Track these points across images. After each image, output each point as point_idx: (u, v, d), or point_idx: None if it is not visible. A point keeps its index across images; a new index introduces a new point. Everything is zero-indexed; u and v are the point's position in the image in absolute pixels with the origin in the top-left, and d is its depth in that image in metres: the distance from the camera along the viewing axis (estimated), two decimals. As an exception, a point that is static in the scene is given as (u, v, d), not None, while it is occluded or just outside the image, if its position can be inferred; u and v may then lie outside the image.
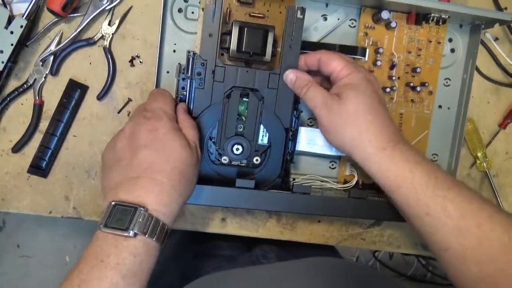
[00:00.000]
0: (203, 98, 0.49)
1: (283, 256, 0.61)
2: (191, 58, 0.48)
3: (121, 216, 0.38)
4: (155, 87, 0.52)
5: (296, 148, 0.52)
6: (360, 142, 0.45)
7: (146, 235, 0.37)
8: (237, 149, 0.50)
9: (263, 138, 0.50)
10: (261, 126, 0.50)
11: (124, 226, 0.37)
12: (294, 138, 0.51)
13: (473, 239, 0.40)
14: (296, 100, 0.50)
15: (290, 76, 0.49)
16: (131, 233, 0.37)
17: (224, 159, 0.50)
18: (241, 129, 0.50)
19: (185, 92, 0.49)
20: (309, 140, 0.52)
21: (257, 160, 0.51)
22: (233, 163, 0.51)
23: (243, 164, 0.51)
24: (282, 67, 0.49)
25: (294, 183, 0.52)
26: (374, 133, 0.44)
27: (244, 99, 0.50)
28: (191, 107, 0.49)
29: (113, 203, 0.39)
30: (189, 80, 0.49)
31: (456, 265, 0.41)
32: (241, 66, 0.50)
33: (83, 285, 0.36)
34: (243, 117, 0.50)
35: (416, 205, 0.42)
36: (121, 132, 0.44)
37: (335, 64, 0.46)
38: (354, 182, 0.55)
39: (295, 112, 0.51)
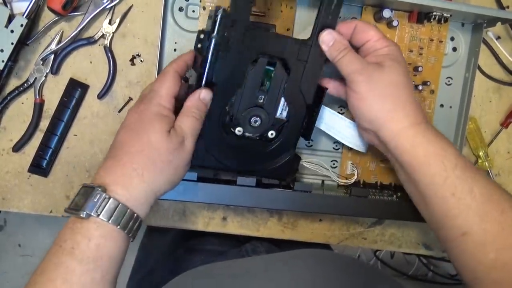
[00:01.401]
0: (225, 63, 0.43)
1: (273, 251, 0.61)
2: (219, 16, 0.42)
3: (80, 197, 0.37)
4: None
5: (317, 125, 0.49)
6: (396, 114, 0.43)
7: (99, 216, 0.35)
8: (255, 121, 0.46)
9: (282, 112, 0.47)
10: (282, 99, 0.46)
11: (78, 207, 0.36)
12: (315, 116, 0.48)
13: (495, 224, 0.40)
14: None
15: (327, 37, 0.44)
16: (84, 214, 0.35)
17: (239, 130, 0.46)
18: (261, 100, 0.46)
19: (204, 54, 0.43)
20: (328, 123, 0.51)
21: (272, 134, 0.47)
22: (246, 135, 0.47)
23: (255, 137, 0.47)
24: (315, 39, 0.45)
25: (295, 181, 0.52)
26: (411, 107, 0.44)
27: (269, 68, 0.45)
28: (209, 72, 0.43)
29: (82, 185, 0.38)
30: (212, 41, 0.42)
31: (472, 250, 0.41)
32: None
33: (43, 274, 0.35)
34: (264, 88, 0.46)
35: (443, 184, 0.42)
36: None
37: (372, 33, 0.45)
38: (353, 179, 0.55)
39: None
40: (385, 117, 0.44)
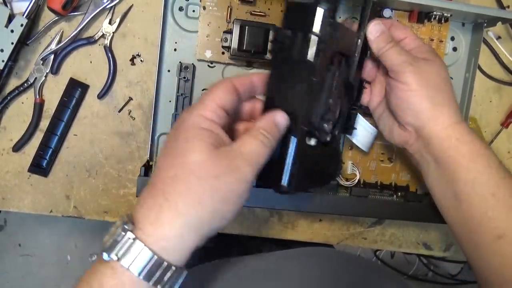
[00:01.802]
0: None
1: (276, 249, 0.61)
2: (324, 9, 0.35)
3: (112, 231, 0.30)
4: (156, 86, 0.51)
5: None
6: (444, 108, 0.42)
7: (120, 261, 0.28)
8: (327, 126, 0.40)
9: None
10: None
11: (103, 245, 0.29)
12: (357, 110, 0.46)
13: None
14: None
15: (376, 27, 0.43)
16: (105, 256, 0.29)
17: (314, 141, 0.39)
18: (331, 101, 0.40)
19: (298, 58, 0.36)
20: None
21: (330, 136, 0.41)
22: (312, 144, 0.40)
23: (320, 145, 0.41)
24: (364, 31, 0.43)
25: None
26: (455, 104, 0.43)
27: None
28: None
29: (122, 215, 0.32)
30: (315, 42, 0.35)
31: (507, 254, 0.40)
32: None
33: None
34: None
35: (485, 184, 0.41)
36: None
37: (409, 32, 0.45)
38: (356, 180, 0.55)
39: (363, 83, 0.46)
40: (434, 110, 0.42)
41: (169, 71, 0.53)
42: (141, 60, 0.55)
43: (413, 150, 0.46)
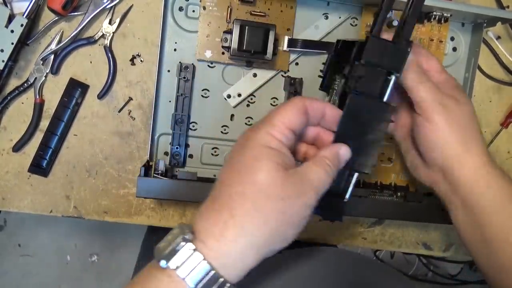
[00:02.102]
0: None
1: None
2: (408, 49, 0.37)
3: (170, 239, 0.30)
4: (156, 86, 0.51)
5: None
6: (473, 150, 0.41)
7: (177, 271, 0.28)
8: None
9: None
10: None
11: (164, 252, 0.29)
12: None
13: None
14: None
15: (421, 51, 0.42)
16: (163, 263, 0.29)
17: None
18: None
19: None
20: None
21: None
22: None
23: None
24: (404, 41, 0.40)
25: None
26: (483, 144, 0.42)
27: None
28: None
29: (179, 223, 0.32)
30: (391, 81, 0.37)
31: None
32: None
33: None
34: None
35: None
36: None
37: (435, 63, 0.43)
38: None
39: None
40: (462, 152, 0.40)
41: (169, 71, 0.53)
42: (141, 60, 0.55)
43: (440, 191, 0.44)
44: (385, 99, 0.38)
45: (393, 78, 0.38)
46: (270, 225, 0.30)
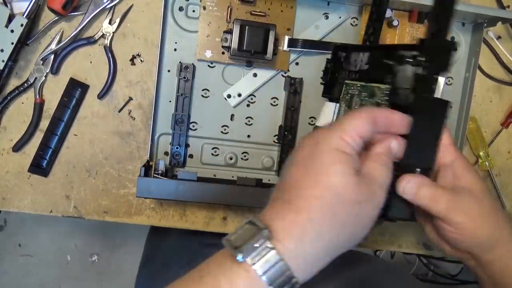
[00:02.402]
0: None
1: None
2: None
3: (242, 234, 0.31)
4: (156, 86, 0.51)
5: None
6: (501, 232, 0.39)
7: (253, 266, 0.29)
8: None
9: None
10: None
11: (237, 244, 0.29)
12: None
13: None
14: None
15: (410, 186, 0.37)
16: (239, 257, 0.29)
17: None
18: None
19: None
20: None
21: None
22: None
23: None
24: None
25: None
26: (507, 225, 0.40)
27: None
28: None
29: (249, 219, 0.32)
30: None
31: None
32: None
33: None
34: None
35: None
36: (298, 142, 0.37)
37: (448, 136, 0.40)
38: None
39: None
40: (491, 239, 0.39)
41: (169, 71, 0.53)
42: (141, 60, 0.55)
43: (467, 265, 0.43)
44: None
45: (443, 77, 0.38)
46: (347, 229, 0.31)
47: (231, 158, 0.55)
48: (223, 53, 0.52)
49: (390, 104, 0.40)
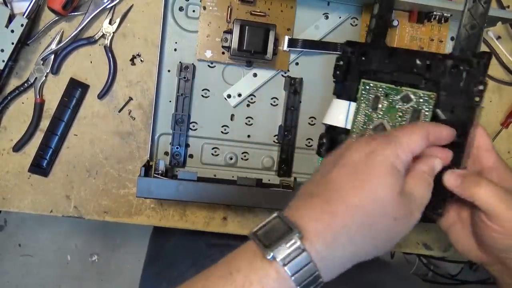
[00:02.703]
0: None
1: None
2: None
3: (271, 230, 0.31)
4: (156, 86, 0.51)
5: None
6: None
7: (285, 267, 0.29)
8: None
9: None
10: None
11: (267, 243, 0.30)
12: None
13: None
14: None
15: (454, 176, 0.38)
16: (269, 255, 0.29)
17: None
18: None
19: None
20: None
21: None
22: None
23: None
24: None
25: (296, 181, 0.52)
26: None
27: None
28: None
29: (276, 213, 0.32)
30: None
31: None
32: None
33: None
34: None
35: None
36: (343, 144, 0.36)
37: (488, 139, 0.40)
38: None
39: None
40: None
41: (169, 71, 0.53)
42: (141, 60, 0.55)
43: (492, 270, 0.42)
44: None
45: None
46: (376, 241, 0.32)
47: (231, 158, 0.55)
48: (223, 53, 0.52)
49: (431, 112, 0.41)
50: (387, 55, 0.43)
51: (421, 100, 0.42)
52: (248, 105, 0.55)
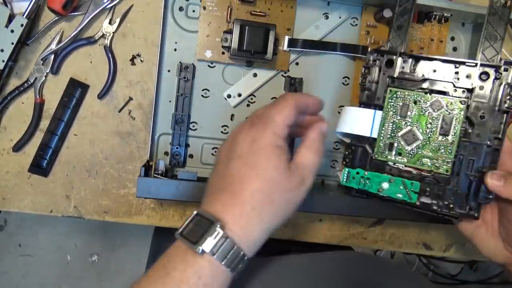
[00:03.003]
0: None
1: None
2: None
3: (195, 227, 0.35)
4: (156, 86, 0.51)
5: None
6: None
7: (215, 256, 0.33)
8: None
9: None
10: None
11: (194, 239, 0.34)
12: None
13: None
14: None
15: (496, 177, 0.41)
16: (199, 250, 0.33)
17: None
18: None
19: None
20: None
21: None
22: None
23: None
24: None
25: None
26: None
27: None
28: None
29: (195, 212, 0.36)
30: None
31: None
32: None
33: None
34: None
35: None
36: (231, 134, 0.40)
37: (509, 143, 0.43)
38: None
39: None
40: None
41: (169, 71, 0.53)
42: (141, 60, 0.55)
43: (510, 268, 0.45)
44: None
45: None
46: (283, 214, 0.37)
47: (231, 158, 0.55)
48: (223, 53, 0.52)
49: (462, 118, 0.43)
50: (414, 62, 0.44)
51: (451, 106, 0.43)
52: (248, 105, 0.55)
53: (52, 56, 0.53)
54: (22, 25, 0.49)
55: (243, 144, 0.37)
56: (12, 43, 0.49)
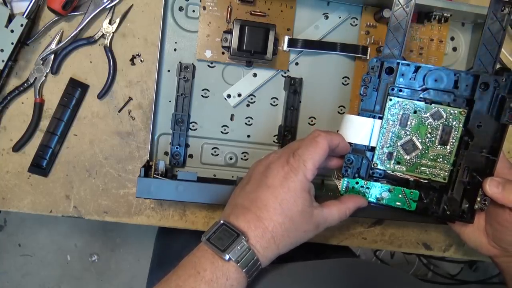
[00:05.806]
0: None
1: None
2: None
3: (223, 236, 0.40)
4: (156, 86, 0.51)
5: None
6: None
7: (239, 264, 0.39)
8: None
9: None
10: None
11: (222, 247, 0.39)
12: None
13: None
14: None
15: (494, 183, 0.43)
16: (226, 257, 0.38)
17: None
18: None
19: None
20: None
21: None
22: None
23: None
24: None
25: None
26: None
27: None
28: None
29: (221, 221, 0.41)
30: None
31: None
32: None
33: None
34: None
35: None
36: (266, 157, 0.44)
37: (507, 162, 0.45)
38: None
39: None
40: None
41: (169, 71, 0.53)
42: (141, 60, 0.55)
43: (500, 261, 0.48)
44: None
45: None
46: (293, 243, 0.43)
47: (231, 158, 0.55)
48: (223, 53, 0.52)
49: (462, 128, 0.44)
50: (414, 71, 0.44)
51: (451, 116, 0.43)
52: (248, 105, 0.55)
53: (52, 56, 0.53)
54: (22, 25, 0.49)
55: (276, 177, 0.42)
56: (12, 43, 0.49)
